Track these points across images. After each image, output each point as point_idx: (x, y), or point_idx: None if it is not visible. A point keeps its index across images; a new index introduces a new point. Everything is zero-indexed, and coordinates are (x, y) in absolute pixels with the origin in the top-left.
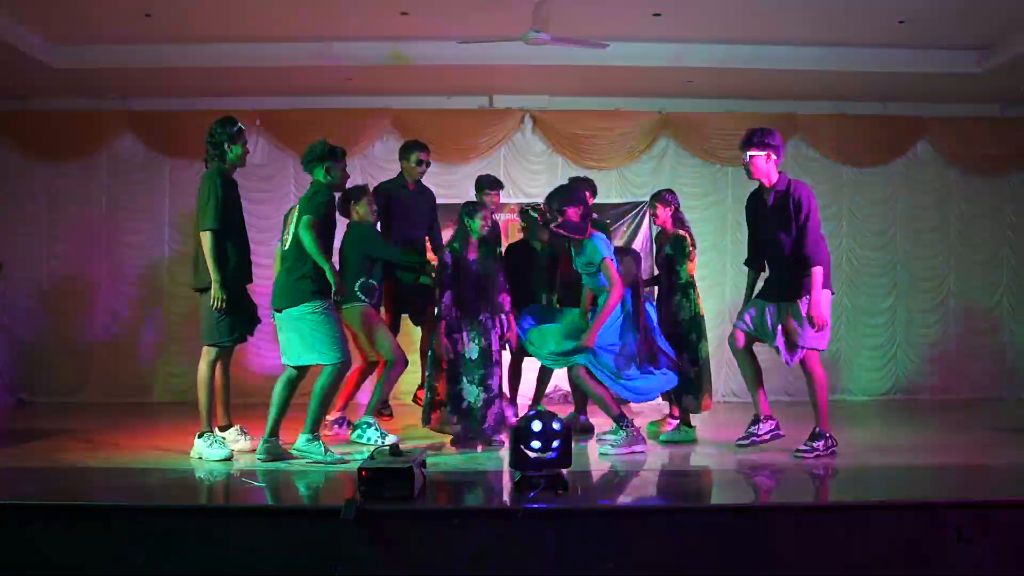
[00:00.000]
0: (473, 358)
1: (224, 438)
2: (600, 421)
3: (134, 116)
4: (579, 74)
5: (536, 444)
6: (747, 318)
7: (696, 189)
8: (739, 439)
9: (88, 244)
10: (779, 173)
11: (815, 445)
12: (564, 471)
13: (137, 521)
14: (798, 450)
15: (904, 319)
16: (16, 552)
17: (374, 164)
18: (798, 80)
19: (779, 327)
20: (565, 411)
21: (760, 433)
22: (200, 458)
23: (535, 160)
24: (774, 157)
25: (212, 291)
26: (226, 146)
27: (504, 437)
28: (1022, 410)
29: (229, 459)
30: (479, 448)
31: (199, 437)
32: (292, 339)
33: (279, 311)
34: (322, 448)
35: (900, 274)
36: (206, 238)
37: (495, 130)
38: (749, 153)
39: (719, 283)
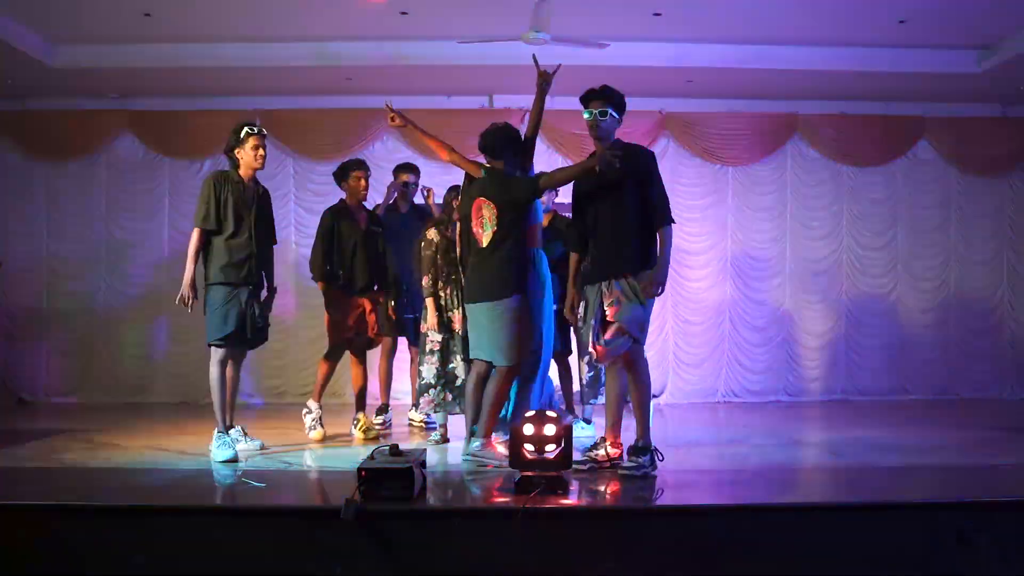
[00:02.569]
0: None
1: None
2: (600, 421)
3: (134, 116)
4: (579, 74)
5: (536, 444)
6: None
7: (696, 189)
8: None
9: (88, 244)
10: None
11: (641, 461)
12: (564, 471)
13: (137, 521)
14: (621, 467)
15: (904, 319)
16: (16, 552)
17: (374, 164)
18: (798, 80)
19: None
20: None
21: (599, 458)
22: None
23: (535, 160)
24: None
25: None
26: (234, 152)
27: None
28: (1022, 410)
29: (234, 460)
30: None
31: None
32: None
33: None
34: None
35: (900, 274)
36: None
37: None
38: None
39: (719, 283)
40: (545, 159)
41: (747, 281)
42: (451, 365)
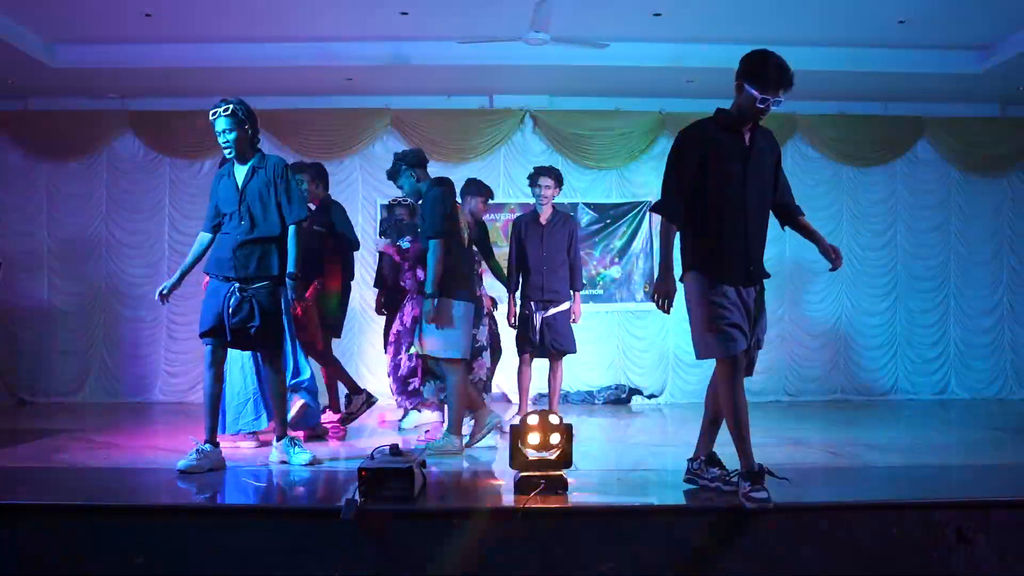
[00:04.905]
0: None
1: (299, 440)
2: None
3: (134, 116)
4: (579, 74)
5: (536, 444)
6: None
7: None
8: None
9: (88, 244)
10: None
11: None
12: (564, 471)
13: (137, 521)
14: (751, 498)
15: (904, 319)
16: (16, 552)
17: (374, 164)
18: (798, 80)
19: None
20: (564, 410)
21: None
22: (282, 462)
23: (535, 160)
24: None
25: None
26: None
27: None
28: (1022, 410)
29: (312, 463)
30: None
31: (278, 440)
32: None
33: None
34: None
35: (900, 274)
36: None
37: (495, 130)
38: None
39: None
40: (545, 159)
41: None
42: None
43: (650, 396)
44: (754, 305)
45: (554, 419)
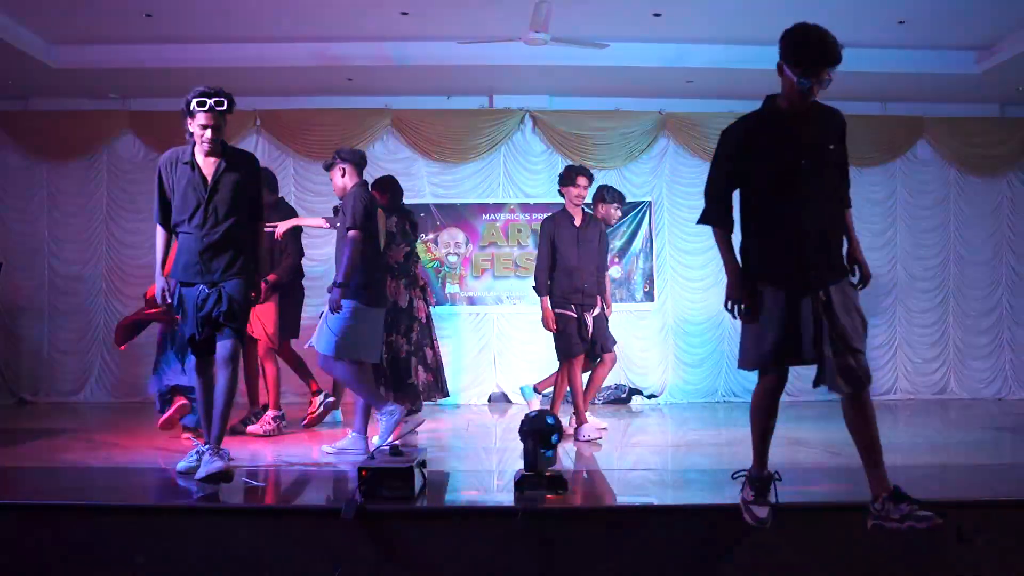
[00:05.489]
0: None
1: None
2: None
3: (134, 116)
4: (579, 74)
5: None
6: None
7: (696, 189)
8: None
9: (88, 244)
10: None
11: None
12: (564, 471)
13: (137, 521)
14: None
15: (904, 319)
16: (16, 552)
17: (374, 164)
18: None
19: None
20: (564, 411)
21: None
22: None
23: (535, 160)
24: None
25: None
26: (186, 123)
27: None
28: (1022, 410)
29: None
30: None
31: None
32: None
33: None
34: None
35: (900, 274)
36: None
37: (495, 130)
38: None
39: (719, 283)
40: (545, 159)
41: None
42: None
43: (650, 396)
44: (825, 309)
45: (553, 418)
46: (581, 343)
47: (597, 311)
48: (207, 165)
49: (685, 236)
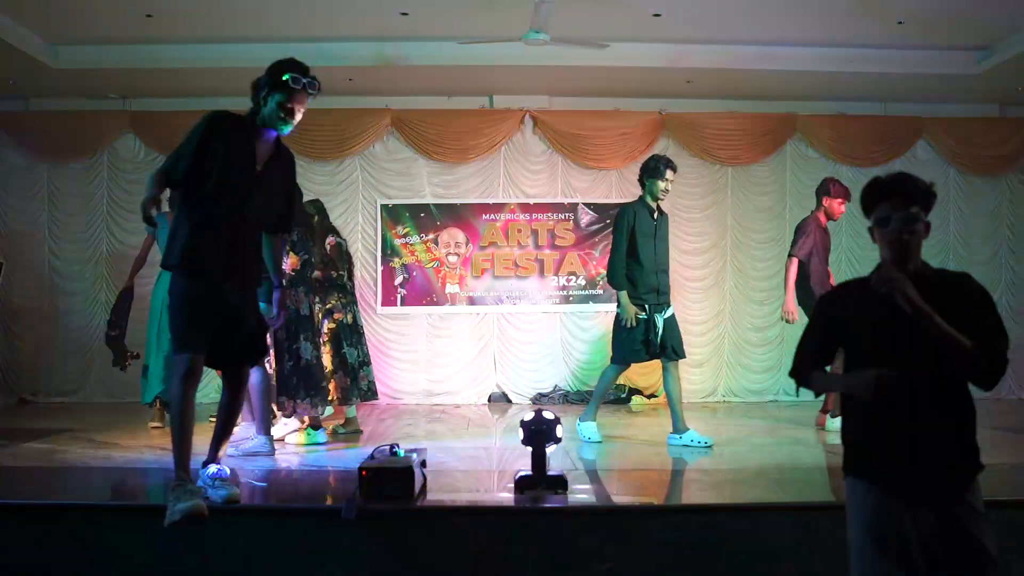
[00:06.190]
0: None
1: None
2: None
3: (134, 116)
4: (579, 74)
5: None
6: None
7: (696, 189)
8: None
9: (88, 244)
10: None
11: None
12: (564, 471)
13: (137, 521)
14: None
15: None
16: (16, 552)
17: (374, 164)
18: (798, 80)
19: None
20: (564, 411)
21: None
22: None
23: (535, 160)
24: None
25: None
26: (263, 95)
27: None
28: (1022, 410)
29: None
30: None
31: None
32: None
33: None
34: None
35: None
36: None
37: (495, 130)
38: None
39: (719, 283)
40: (545, 159)
41: (747, 281)
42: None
43: (650, 396)
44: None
45: (553, 418)
46: (644, 349)
47: (670, 313)
48: (260, 150)
49: (685, 236)
